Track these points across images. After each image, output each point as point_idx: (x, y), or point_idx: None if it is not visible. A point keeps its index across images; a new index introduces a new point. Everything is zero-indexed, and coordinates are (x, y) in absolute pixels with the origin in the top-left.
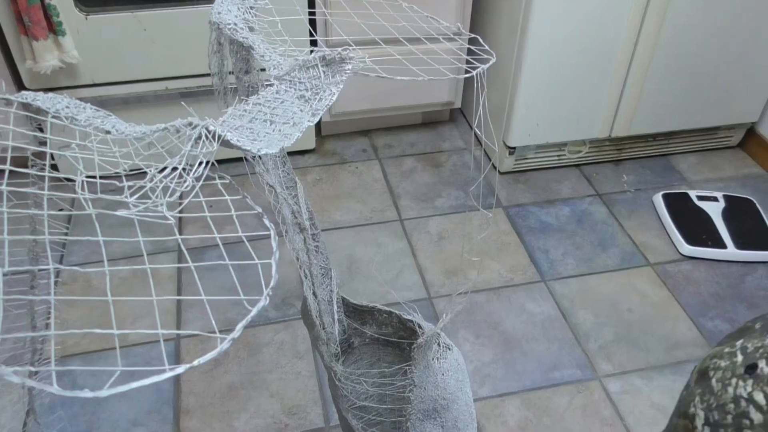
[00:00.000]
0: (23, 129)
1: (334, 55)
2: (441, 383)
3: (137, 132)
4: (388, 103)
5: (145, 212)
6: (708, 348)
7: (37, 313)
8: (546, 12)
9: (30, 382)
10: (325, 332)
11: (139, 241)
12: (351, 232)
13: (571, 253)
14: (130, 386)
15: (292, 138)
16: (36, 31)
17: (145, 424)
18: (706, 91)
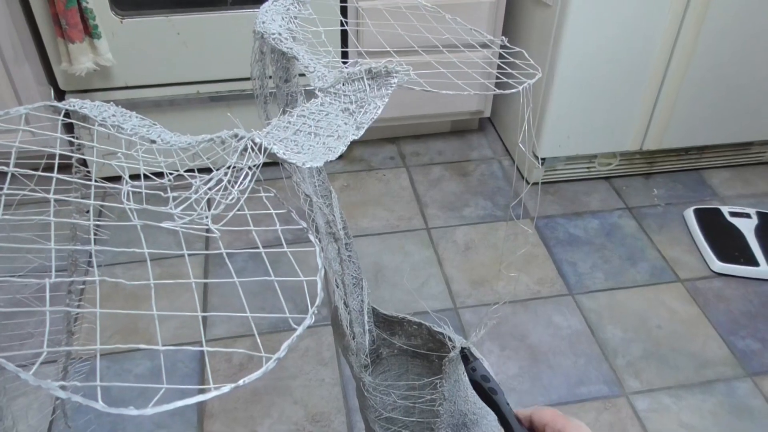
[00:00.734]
0: (67, 136)
1: (380, 68)
2: (471, 398)
3: (183, 142)
4: (416, 110)
5: (190, 224)
6: (739, 368)
7: (72, 317)
8: (580, 22)
9: (76, 398)
10: (355, 342)
11: (168, 243)
12: (377, 240)
13: (600, 267)
14: (175, 405)
15: (337, 151)
16: (72, 33)
17: (169, 426)
18: (741, 104)
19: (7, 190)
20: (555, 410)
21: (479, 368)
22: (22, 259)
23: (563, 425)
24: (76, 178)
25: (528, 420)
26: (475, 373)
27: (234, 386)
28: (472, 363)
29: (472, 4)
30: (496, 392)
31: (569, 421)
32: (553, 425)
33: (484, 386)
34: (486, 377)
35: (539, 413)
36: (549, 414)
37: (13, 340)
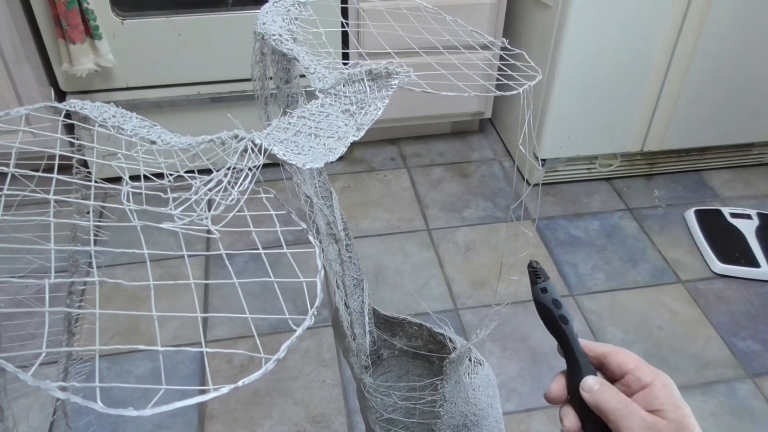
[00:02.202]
0: (67, 137)
1: (380, 69)
2: (472, 399)
3: (183, 143)
4: (417, 112)
5: (189, 225)
6: (740, 369)
7: (73, 318)
8: (581, 23)
9: (75, 398)
10: (356, 343)
11: (168, 244)
12: (378, 241)
13: (601, 268)
14: (174, 405)
15: (337, 152)
16: (73, 34)
17: (169, 427)
18: (741, 106)
19: (8, 190)
20: (638, 357)
21: (551, 290)
22: (22, 260)
23: (652, 378)
24: (77, 179)
25: (599, 358)
26: (546, 295)
27: (233, 387)
28: (542, 282)
29: (472, 5)
30: (568, 321)
31: (658, 374)
32: (637, 374)
33: (555, 313)
34: (558, 302)
35: (619, 356)
36: (633, 361)
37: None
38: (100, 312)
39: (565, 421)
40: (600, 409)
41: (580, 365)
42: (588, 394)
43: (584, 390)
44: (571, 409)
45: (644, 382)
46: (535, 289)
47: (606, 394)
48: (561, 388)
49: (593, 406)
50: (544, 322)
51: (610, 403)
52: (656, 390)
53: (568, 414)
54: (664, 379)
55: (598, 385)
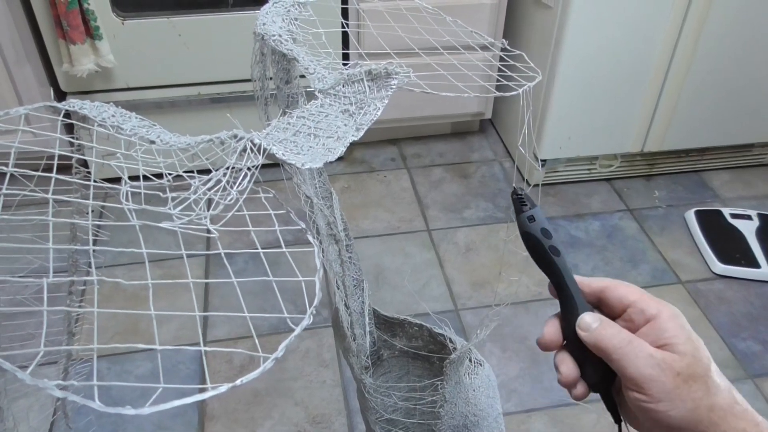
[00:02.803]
0: (67, 137)
1: (380, 69)
2: (472, 399)
3: (182, 143)
4: (417, 112)
5: (188, 224)
6: (740, 370)
7: (73, 318)
8: (581, 23)
9: (73, 397)
10: (356, 344)
11: (168, 243)
12: (378, 241)
13: (601, 269)
14: (172, 404)
15: (336, 152)
16: (74, 35)
17: (170, 427)
18: (742, 106)
19: (7, 190)
20: (639, 288)
21: (539, 218)
22: (22, 260)
23: (657, 309)
24: (76, 179)
25: (596, 294)
26: (533, 224)
27: (231, 386)
28: (529, 210)
29: (473, 5)
30: (559, 253)
31: (664, 305)
32: (640, 306)
33: (545, 244)
34: (547, 232)
35: (618, 289)
36: (634, 293)
37: (14, 340)
38: (99, 311)
39: (562, 368)
40: (600, 349)
41: (575, 302)
42: (585, 333)
43: (581, 329)
44: (567, 355)
45: (649, 314)
46: (521, 218)
47: (606, 331)
48: (555, 331)
49: (592, 346)
50: (533, 257)
51: (612, 341)
52: (663, 322)
53: (564, 360)
54: (671, 310)
55: (597, 322)
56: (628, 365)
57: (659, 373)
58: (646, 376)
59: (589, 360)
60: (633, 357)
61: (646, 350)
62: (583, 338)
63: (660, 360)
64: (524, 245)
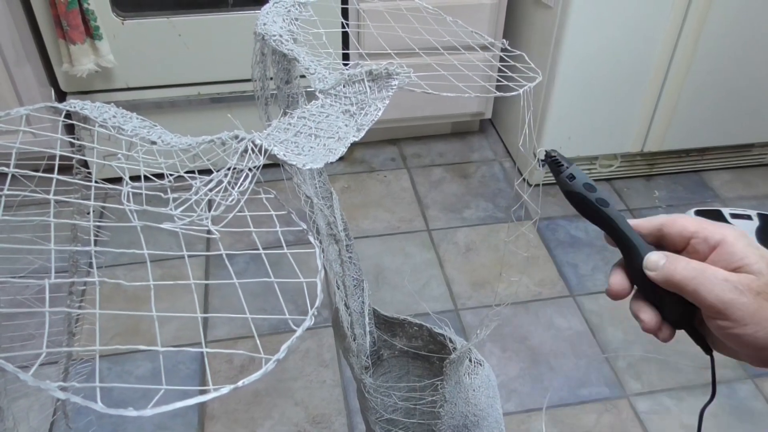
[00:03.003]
0: (67, 137)
1: (380, 70)
2: (472, 399)
3: (183, 143)
4: (417, 112)
5: (189, 225)
6: (740, 370)
7: (73, 318)
8: (581, 23)
9: (75, 398)
10: (356, 344)
11: (169, 244)
12: (378, 241)
13: (601, 269)
14: (174, 406)
15: (337, 153)
16: (74, 35)
17: (170, 428)
18: (742, 106)
19: (8, 191)
20: (699, 218)
21: (578, 175)
22: (23, 261)
23: (721, 234)
24: (77, 179)
25: (655, 234)
26: (575, 182)
27: (233, 387)
28: (566, 170)
29: (473, 5)
30: (608, 204)
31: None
32: (703, 235)
33: (590, 198)
34: (590, 186)
35: (676, 223)
36: (693, 223)
37: (14, 341)
38: (100, 312)
39: (642, 316)
40: (673, 284)
41: (636, 246)
42: (655, 272)
43: (649, 268)
44: (642, 301)
45: (713, 241)
46: (561, 178)
47: (676, 265)
48: (621, 280)
49: (664, 283)
50: (581, 212)
51: (684, 273)
52: (730, 245)
53: (641, 307)
54: (735, 231)
55: (664, 259)
56: (705, 294)
57: (738, 296)
58: (726, 301)
59: (665, 299)
60: (709, 285)
61: (720, 275)
62: (652, 277)
63: (737, 282)
64: (571, 204)
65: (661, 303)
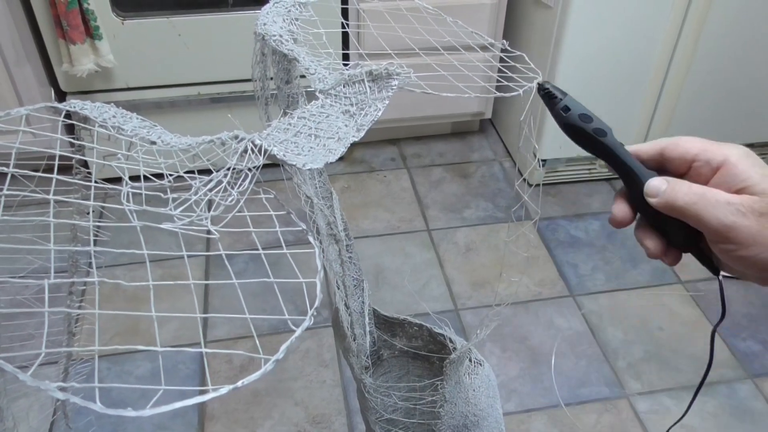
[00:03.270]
0: (67, 137)
1: (380, 70)
2: (472, 399)
3: (183, 143)
4: (417, 112)
5: (189, 225)
6: (740, 370)
7: (73, 318)
8: (581, 23)
9: (74, 399)
10: (356, 344)
11: (168, 244)
12: (378, 241)
13: (601, 269)
14: (173, 406)
15: (337, 153)
16: (74, 35)
17: (170, 428)
18: (741, 106)
19: (8, 191)
20: (701, 139)
21: (574, 106)
22: (22, 261)
23: (725, 155)
24: (77, 179)
25: (656, 158)
26: (570, 114)
27: (232, 388)
28: (560, 102)
29: (473, 5)
30: (605, 133)
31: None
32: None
33: (587, 129)
34: (586, 116)
35: (678, 146)
36: (696, 145)
37: (14, 341)
38: (99, 312)
39: (646, 243)
40: (674, 209)
41: (636, 173)
42: (656, 199)
43: (649, 195)
44: (646, 229)
45: (716, 162)
46: (556, 111)
47: (676, 191)
48: (624, 207)
49: (665, 209)
50: (579, 144)
51: (684, 198)
52: (732, 166)
53: (645, 234)
54: (738, 150)
55: (665, 184)
56: (707, 218)
57: (741, 218)
58: (729, 224)
59: (669, 224)
60: (711, 209)
61: (722, 198)
62: (653, 204)
63: (739, 205)
64: (567, 136)
65: (666, 228)
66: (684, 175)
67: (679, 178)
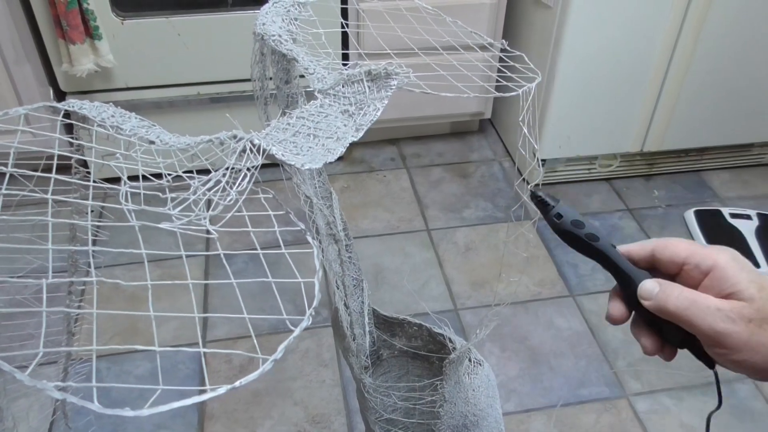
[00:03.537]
0: (66, 137)
1: (379, 70)
2: (471, 399)
3: (181, 143)
4: (416, 112)
5: (188, 225)
6: None
7: (72, 318)
8: (580, 23)
9: (71, 398)
10: (356, 344)
11: (167, 244)
12: (378, 241)
13: (600, 269)
14: (171, 406)
15: (336, 153)
16: (73, 35)
17: (169, 427)
18: (741, 106)
19: (7, 190)
20: (689, 241)
21: (566, 212)
22: (21, 260)
23: (713, 260)
24: (76, 179)
25: (648, 260)
26: (563, 220)
27: (230, 387)
28: (553, 209)
29: (472, 5)
30: (598, 237)
31: (718, 252)
32: (694, 261)
33: (580, 235)
34: (579, 222)
35: (667, 248)
36: (684, 249)
37: (13, 341)
38: (98, 312)
39: (642, 341)
40: (667, 313)
41: (630, 275)
42: (649, 301)
43: (643, 298)
44: (642, 325)
45: (705, 266)
46: (549, 218)
47: (668, 294)
48: (619, 306)
49: (659, 312)
50: (573, 247)
51: (676, 303)
52: (721, 270)
53: (641, 331)
54: (726, 255)
55: (657, 287)
56: (699, 324)
57: (731, 325)
58: (720, 331)
59: (664, 324)
60: (702, 315)
61: (712, 305)
62: (647, 306)
63: (729, 311)
64: (562, 240)
65: (661, 326)
66: (676, 277)
67: (671, 280)
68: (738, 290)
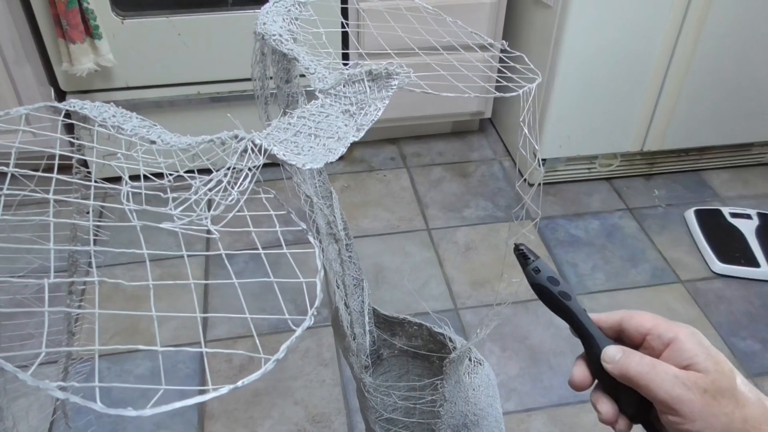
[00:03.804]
0: (67, 137)
1: (380, 69)
2: (472, 399)
3: (182, 143)
4: (417, 111)
5: (189, 225)
6: (740, 369)
7: (73, 318)
8: (581, 23)
9: (74, 398)
10: (356, 343)
11: (168, 244)
12: (378, 241)
13: (600, 268)
14: (173, 406)
15: (337, 153)
16: (73, 34)
17: (169, 427)
18: (741, 106)
19: (8, 190)
20: (654, 315)
21: (543, 269)
22: (22, 260)
23: (675, 333)
24: (77, 179)
25: (614, 327)
26: (539, 275)
27: (232, 387)
28: (533, 263)
29: (472, 5)
30: (570, 297)
31: (679, 326)
32: (657, 332)
33: (553, 291)
34: (554, 279)
35: (633, 319)
36: (649, 320)
37: (14, 340)
38: (99, 312)
39: (599, 407)
40: (627, 377)
41: (596, 339)
42: (611, 365)
43: (606, 361)
44: (601, 394)
45: (666, 338)
46: (528, 271)
47: (630, 359)
48: (583, 371)
49: (619, 377)
50: (546, 304)
51: (637, 368)
52: (681, 343)
53: (600, 399)
54: (687, 330)
55: (620, 353)
56: (656, 389)
57: (686, 392)
58: (675, 397)
59: (623, 392)
60: (659, 380)
61: (671, 372)
62: (609, 370)
63: (685, 379)
64: (536, 295)
65: (619, 396)
66: (639, 347)
67: (635, 349)
68: (695, 362)
